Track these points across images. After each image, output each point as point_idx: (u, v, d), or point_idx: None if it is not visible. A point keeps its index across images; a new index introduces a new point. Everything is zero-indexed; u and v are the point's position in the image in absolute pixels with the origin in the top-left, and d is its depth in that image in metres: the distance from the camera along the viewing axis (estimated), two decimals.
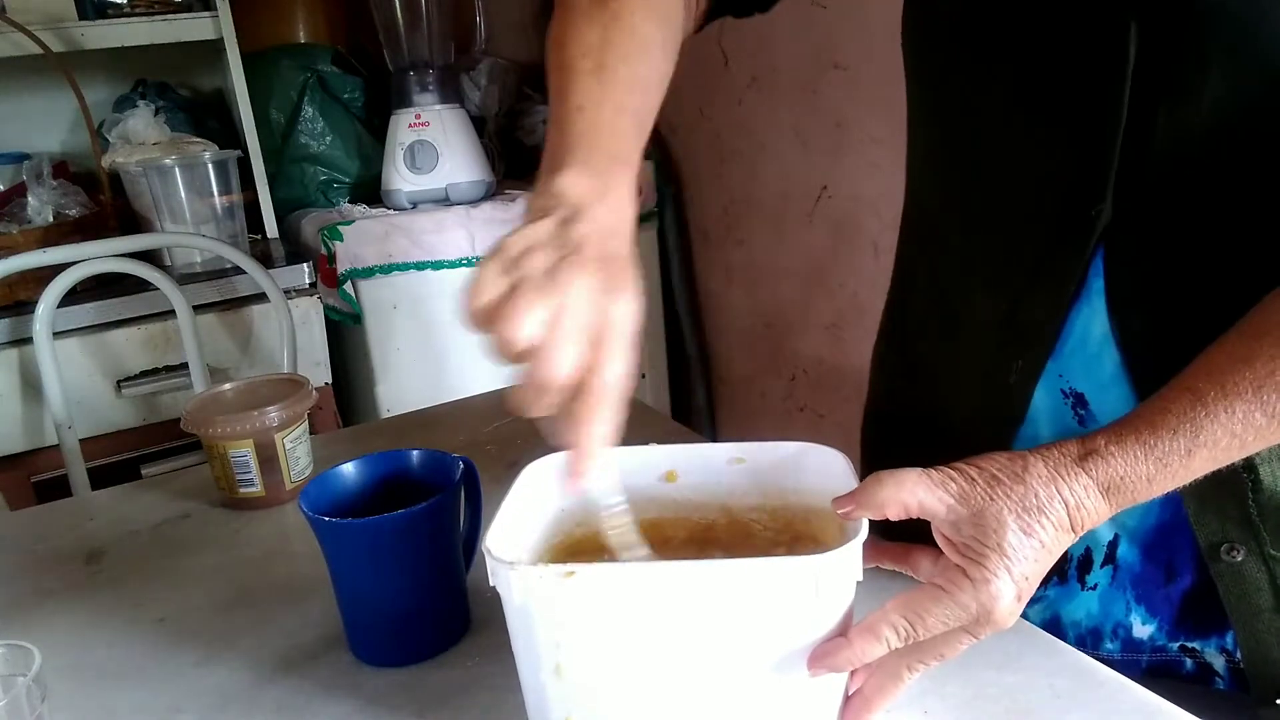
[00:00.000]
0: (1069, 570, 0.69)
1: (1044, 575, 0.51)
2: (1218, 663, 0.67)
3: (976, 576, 0.49)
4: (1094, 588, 0.69)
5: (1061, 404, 0.66)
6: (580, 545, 0.61)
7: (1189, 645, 0.67)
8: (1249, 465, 0.61)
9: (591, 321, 0.47)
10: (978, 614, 0.49)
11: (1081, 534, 0.52)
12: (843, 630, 0.51)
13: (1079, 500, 0.51)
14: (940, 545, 0.52)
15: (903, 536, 0.56)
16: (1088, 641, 0.70)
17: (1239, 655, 0.66)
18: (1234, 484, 0.61)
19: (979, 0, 0.64)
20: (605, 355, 0.47)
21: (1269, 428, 0.50)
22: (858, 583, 0.51)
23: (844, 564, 0.50)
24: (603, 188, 0.53)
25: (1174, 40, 0.57)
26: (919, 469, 0.52)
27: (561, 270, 0.48)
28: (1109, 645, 0.70)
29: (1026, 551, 0.50)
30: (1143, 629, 0.68)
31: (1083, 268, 0.63)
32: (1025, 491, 0.50)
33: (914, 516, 0.52)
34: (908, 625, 0.50)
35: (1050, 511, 0.50)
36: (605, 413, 0.47)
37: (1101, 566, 0.68)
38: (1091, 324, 0.64)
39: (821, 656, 0.50)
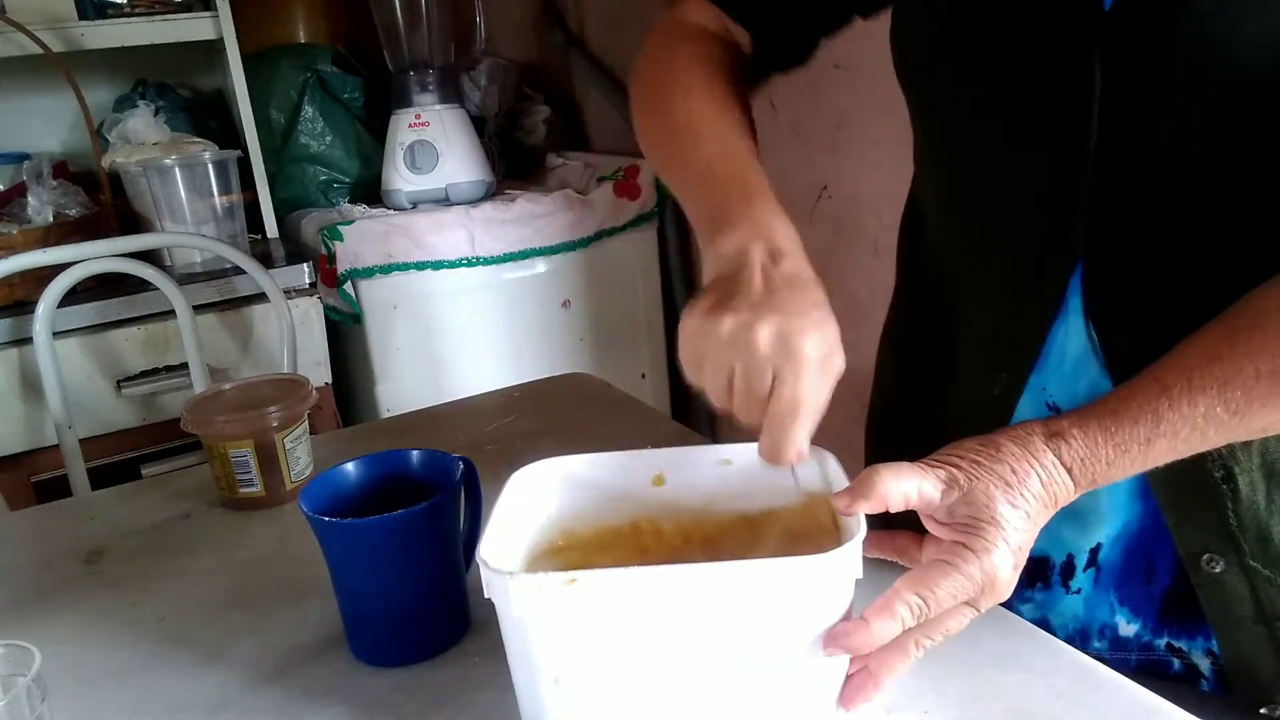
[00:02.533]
0: (1052, 577, 0.70)
1: (1031, 544, 0.53)
2: (1203, 664, 0.68)
3: (978, 548, 0.51)
4: (1078, 591, 0.70)
5: (1044, 415, 0.66)
6: (565, 552, 0.61)
7: (1175, 644, 0.68)
8: (1228, 476, 0.61)
9: (768, 364, 0.54)
10: (983, 583, 0.51)
11: (1058, 508, 0.54)
12: None
13: (1050, 475, 0.53)
14: (933, 530, 0.54)
15: (885, 525, 0.57)
16: (1076, 641, 0.70)
17: (1224, 660, 0.66)
18: (1213, 495, 0.62)
19: (956, 29, 0.65)
20: (777, 392, 0.54)
21: (1231, 422, 0.52)
22: (857, 580, 0.51)
23: (846, 562, 0.50)
24: (753, 226, 0.60)
25: (1138, 68, 0.58)
26: (910, 462, 0.54)
27: (733, 347, 0.54)
28: (1097, 644, 0.70)
29: (1016, 522, 0.52)
30: (1128, 628, 0.69)
31: (1062, 284, 0.64)
32: (1003, 468, 0.53)
33: (912, 506, 0.54)
34: (920, 601, 0.51)
35: (1029, 484, 0.53)
36: (780, 430, 0.54)
37: (1084, 571, 0.69)
38: (1069, 340, 0.65)
39: (839, 638, 0.51)
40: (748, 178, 0.63)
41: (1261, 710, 0.65)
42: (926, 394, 0.77)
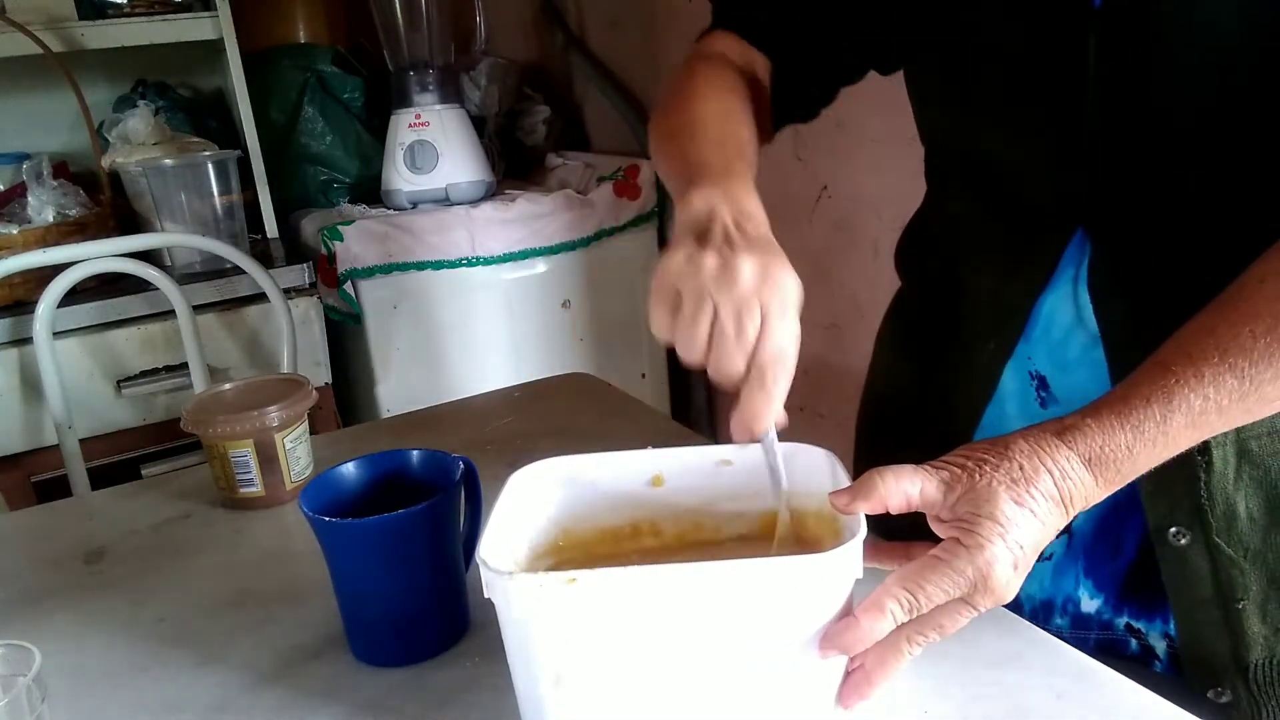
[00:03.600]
0: None
1: (1041, 547, 0.52)
2: (1159, 646, 0.69)
3: (970, 543, 0.50)
4: (1049, 557, 0.71)
5: (1027, 385, 0.69)
6: (565, 552, 0.61)
7: (1134, 625, 0.69)
8: (1204, 448, 0.62)
9: (754, 297, 0.54)
10: (975, 580, 0.50)
11: (1076, 510, 0.53)
12: None
13: (1064, 471, 0.52)
14: (936, 529, 0.53)
15: (901, 537, 0.57)
16: (1040, 615, 0.72)
17: (1179, 640, 0.67)
18: (1189, 467, 0.62)
19: (958, 16, 0.67)
20: (765, 333, 0.54)
21: (1243, 389, 0.52)
22: (857, 580, 0.51)
23: (845, 562, 0.50)
24: (722, 192, 0.60)
25: (1131, 49, 0.59)
26: (912, 465, 0.54)
27: (716, 283, 0.54)
28: (1059, 620, 0.71)
29: (1020, 519, 0.51)
30: (1090, 603, 0.70)
31: (1055, 255, 0.65)
32: (1010, 465, 0.52)
33: (914, 507, 0.53)
34: (909, 596, 0.50)
35: (1038, 482, 0.52)
36: (771, 381, 0.54)
37: (1058, 535, 0.69)
38: (1059, 309, 0.66)
39: (832, 638, 0.51)
40: (730, 164, 0.64)
41: (1209, 694, 0.66)
42: (917, 381, 0.78)
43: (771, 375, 0.53)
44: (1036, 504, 0.51)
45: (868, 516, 0.52)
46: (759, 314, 0.53)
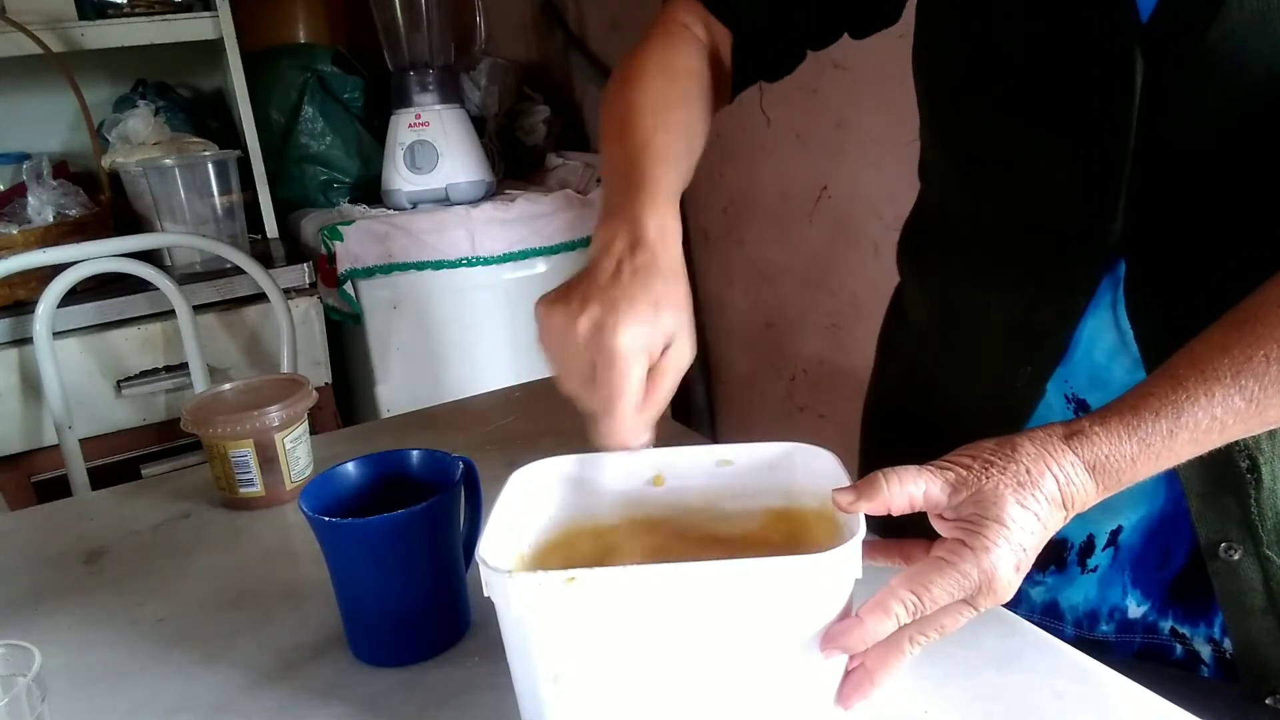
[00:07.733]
0: (1068, 558, 0.71)
1: (1040, 549, 0.52)
2: (1205, 651, 0.69)
3: (977, 545, 0.51)
4: (1094, 569, 0.70)
5: (1064, 409, 0.68)
6: (565, 552, 0.61)
7: (1179, 630, 0.69)
8: (1253, 466, 0.62)
9: (585, 355, 0.57)
10: (980, 581, 0.50)
11: (1074, 513, 0.53)
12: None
13: (1068, 476, 0.52)
14: (939, 527, 0.54)
15: (896, 533, 0.57)
16: (1084, 624, 0.72)
17: (1226, 645, 0.67)
18: (1237, 482, 0.62)
19: (990, 27, 0.65)
20: (597, 374, 0.57)
21: (1248, 411, 0.52)
22: (856, 580, 0.51)
23: (845, 562, 0.50)
24: (626, 219, 0.62)
25: (1179, 66, 0.58)
26: (916, 465, 0.53)
27: (565, 324, 0.58)
28: (1104, 627, 0.71)
29: (1024, 522, 0.51)
30: (1137, 610, 0.70)
31: (1094, 279, 0.64)
32: (1017, 469, 0.52)
33: (918, 509, 0.53)
34: (915, 598, 0.50)
35: (1043, 485, 0.52)
36: (607, 417, 0.57)
37: (1104, 549, 0.69)
38: (1100, 334, 0.65)
39: (835, 637, 0.51)
40: (647, 172, 0.64)
41: (1268, 701, 0.66)
42: (935, 391, 0.77)
43: (603, 414, 0.57)
44: (1040, 506, 0.52)
45: (867, 515, 0.53)
46: (591, 367, 0.57)
